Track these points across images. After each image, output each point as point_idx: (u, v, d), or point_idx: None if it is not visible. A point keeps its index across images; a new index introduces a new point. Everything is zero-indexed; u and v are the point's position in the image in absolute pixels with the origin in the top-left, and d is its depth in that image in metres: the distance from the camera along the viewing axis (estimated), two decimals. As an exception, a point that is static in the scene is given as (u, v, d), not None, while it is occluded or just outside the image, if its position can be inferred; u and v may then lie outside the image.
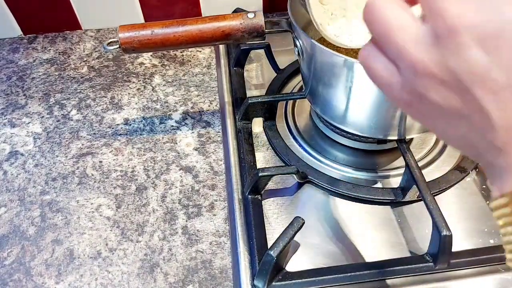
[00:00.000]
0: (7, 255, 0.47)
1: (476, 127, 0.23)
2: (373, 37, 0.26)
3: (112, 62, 0.68)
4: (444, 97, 0.23)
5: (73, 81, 0.66)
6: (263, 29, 0.47)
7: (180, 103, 0.62)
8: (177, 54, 0.70)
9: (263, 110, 0.56)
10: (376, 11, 0.24)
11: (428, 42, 0.23)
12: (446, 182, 0.49)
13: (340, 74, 0.43)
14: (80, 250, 0.47)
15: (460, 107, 0.23)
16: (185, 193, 0.51)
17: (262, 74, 0.66)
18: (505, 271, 0.43)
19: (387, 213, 0.48)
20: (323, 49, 0.42)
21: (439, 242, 0.41)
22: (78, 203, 0.51)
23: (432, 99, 0.24)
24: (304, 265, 0.44)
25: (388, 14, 0.24)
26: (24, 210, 0.50)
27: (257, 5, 0.74)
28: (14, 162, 0.55)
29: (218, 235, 0.47)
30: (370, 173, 0.52)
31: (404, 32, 0.23)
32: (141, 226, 0.49)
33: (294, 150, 0.53)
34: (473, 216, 0.48)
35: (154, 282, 0.44)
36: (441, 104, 0.24)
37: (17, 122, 0.60)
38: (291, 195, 0.50)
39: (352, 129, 0.49)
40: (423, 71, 0.23)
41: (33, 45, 0.72)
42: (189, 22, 0.47)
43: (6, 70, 0.67)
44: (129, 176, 0.53)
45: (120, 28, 0.47)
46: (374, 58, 0.26)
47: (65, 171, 0.54)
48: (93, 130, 0.59)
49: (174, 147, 0.56)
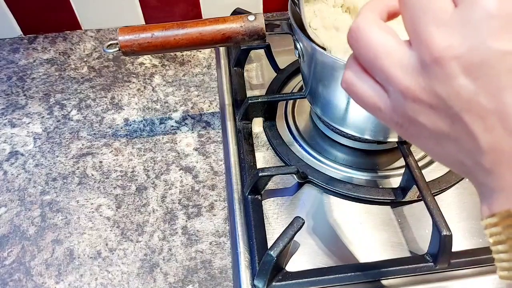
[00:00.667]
0: (7, 255, 0.47)
1: (464, 149, 0.24)
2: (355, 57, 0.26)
3: (112, 62, 0.68)
4: (433, 121, 0.24)
5: (73, 81, 0.66)
6: (264, 32, 0.47)
7: (180, 103, 0.62)
8: (177, 54, 0.70)
9: (263, 110, 0.56)
10: (361, 36, 0.25)
11: (414, 69, 0.23)
12: (446, 182, 0.49)
13: (340, 78, 0.42)
14: (80, 250, 0.47)
15: (449, 130, 0.24)
16: (185, 193, 0.51)
17: (262, 74, 0.66)
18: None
19: (387, 213, 0.48)
20: (323, 53, 0.42)
21: (439, 242, 0.41)
22: (78, 203, 0.51)
23: (421, 122, 0.24)
24: (304, 265, 0.44)
25: (374, 39, 0.24)
26: (24, 210, 0.50)
27: (257, 5, 0.74)
28: (14, 162, 0.55)
29: (218, 235, 0.47)
30: (370, 173, 0.52)
31: (391, 58, 0.24)
32: (141, 226, 0.49)
33: (294, 150, 0.53)
34: (473, 216, 0.48)
35: (154, 282, 0.44)
36: (430, 127, 0.24)
37: (17, 122, 0.60)
38: (291, 195, 0.50)
39: (352, 131, 0.49)
40: (412, 96, 0.24)
41: (33, 45, 0.72)
42: (189, 25, 0.47)
43: (6, 70, 0.67)
44: (129, 176, 0.53)
45: (120, 31, 0.47)
46: (359, 82, 0.26)
47: (65, 171, 0.54)
48: (93, 130, 0.59)
49: (174, 147, 0.56)
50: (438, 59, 0.22)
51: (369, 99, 0.26)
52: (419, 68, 0.23)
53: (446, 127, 0.24)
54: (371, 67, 0.25)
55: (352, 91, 0.27)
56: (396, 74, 0.24)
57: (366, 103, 0.27)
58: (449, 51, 0.21)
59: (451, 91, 0.22)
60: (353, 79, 0.27)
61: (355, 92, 0.27)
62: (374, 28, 0.24)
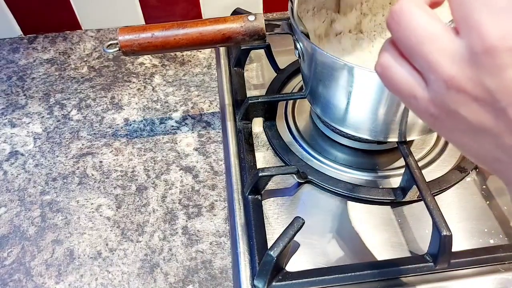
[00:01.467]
0: (7, 255, 0.47)
1: (505, 145, 0.23)
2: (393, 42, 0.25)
3: (112, 62, 0.68)
4: (475, 115, 0.23)
5: (73, 81, 0.66)
6: (264, 32, 0.47)
7: (180, 103, 0.62)
8: (177, 54, 0.70)
9: (263, 110, 0.56)
10: (403, 18, 0.23)
11: (462, 58, 0.22)
12: (446, 182, 0.49)
13: (340, 78, 0.43)
14: (80, 250, 0.47)
15: (491, 126, 0.22)
16: (185, 193, 0.51)
17: (262, 74, 0.66)
18: (505, 271, 0.43)
19: (387, 213, 0.48)
20: (323, 53, 0.42)
21: (439, 242, 0.41)
22: (78, 203, 0.51)
23: (462, 115, 0.23)
24: (304, 265, 0.44)
25: (418, 22, 0.23)
26: (24, 210, 0.50)
27: (257, 5, 0.74)
28: (14, 162, 0.55)
29: (218, 235, 0.47)
30: (370, 173, 0.52)
31: (436, 44, 0.22)
32: (141, 226, 0.49)
33: (294, 150, 0.53)
34: (473, 216, 0.48)
35: (154, 282, 0.44)
36: (471, 121, 0.23)
37: (17, 122, 0.60)
38: (291, 195, 0.50)
39: (352, 131, 0.49)
40: (456, 87, 0.22)
41: (33, 45, 0.72)
42: (189, 25, 0.47)
43: (6, 70, 0.67)
44: (129, 176, 0.53)
45: (120, 31, 0.46)
46: (396, 67, 0.25)
47: (65, 171, 0.54)
48: (93, 130, 0.59)
49: (174, 147, 0.56)
50: (490, 49, 0.20)
51: (404, 86, 0.25)
52: (467, 58, 0.21)
53: (488, 122, 0.22)
54: (412, 53, 0.23)
55: (387, 76, 0.25)
56: (441, 62, 0.22)
57: (400, 90, 0.25)
58: (503, 41, 0.20)
59: (500, 84, 0.21)
60: (389, 63, 0.25)
61: (389, 77, 0.25)
62: (418, 11, 0.23)
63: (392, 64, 0.25)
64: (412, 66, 0.24)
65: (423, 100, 0.24)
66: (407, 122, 0.45)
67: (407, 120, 0.44)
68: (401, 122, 0.45)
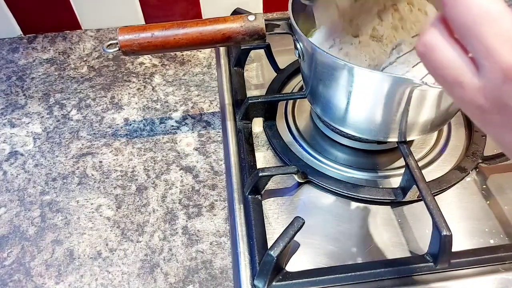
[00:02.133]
0: (7, 255, 0.47)
1: None
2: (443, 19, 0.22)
3: (112, 62, 0.68)
4: None
5: (73, 81, 0.65)
6: (264, 32, 0.47)
7: (180, 103, 0.62)
8: (177, 54, 0.70)
9: (263, 110, 0.56)
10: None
11: None
12: (446, 182, 0.49)
13: (341, 78, 0.43)
14: (80, 250, 0.47)
15: None
16: (185, 193, 0.51)
17: (262, 74, 0.66)
18: (506, 271, 0.43)
19: (387, 213, 0.48)
20: (323, 53, 0.42)
21: (439, 242, 0.41)
22: (78, 203, 0.51)
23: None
24: (304, 265, 0.44)
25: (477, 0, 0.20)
26: (24, 210, 0.50)
27: (257, 5, 0.74)
28: (14, 162, 0.55)
29: (219, 235, 0.47)
30: (370, 173, 0.52)
31: (496, 27, 0.19)
32: (141, 226, 0.49)
33: (294, 150, 0.53)
34: (473, 216, 0.48)
35: (155, 283, 0.44)
36: None
37: (17, 122, 0.60)
38: (291, 195, 0.50)
39: (352, 131, 0.49)
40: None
41: (33, 45, 0.71)
42: (189, 25, 0.47)
43: (5, 70, 0.67)
44: (129, 176, 0.53)
45: (120, 31, 0.46)
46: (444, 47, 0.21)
47: (65, 171, 0.54)
48: (93, 130, 0.59)
49: (174, 147, 0.56)
50: None
51: (450, 71, 0.21)
52: None
53: None
54: (466, 34, 0.20)
55: (430, 58, 0.22)
56: (500, 48, 0.19)
57: (444, 74, 0.22)
58: None
59: None
60: (436, 42, 0.22)
61: (433, 59, 0.22)
62: None
63: (439, 43, 0.22)
64: (463, 48, 0.21)
65: (471, 89, 0.21)
66: (407, 122, 0.45)
67: (407, 120, 0.44)
68: (401, 122, 0.45)
